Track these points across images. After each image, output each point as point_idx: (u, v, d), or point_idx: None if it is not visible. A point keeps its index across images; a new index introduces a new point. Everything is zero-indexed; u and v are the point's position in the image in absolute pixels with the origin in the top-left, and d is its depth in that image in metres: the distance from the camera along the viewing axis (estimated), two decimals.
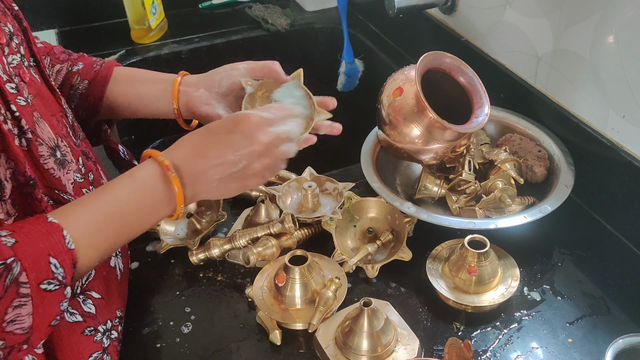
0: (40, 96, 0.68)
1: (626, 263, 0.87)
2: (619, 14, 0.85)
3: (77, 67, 0.87)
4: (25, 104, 0.63)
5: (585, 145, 0.95)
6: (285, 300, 0.77)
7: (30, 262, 0.52)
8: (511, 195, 0.89)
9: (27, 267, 0.52)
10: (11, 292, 0.51)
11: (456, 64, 0.93)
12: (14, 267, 0.51)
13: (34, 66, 0.70)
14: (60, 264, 0.55)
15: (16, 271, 0.51)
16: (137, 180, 0.65)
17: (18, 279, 0.51)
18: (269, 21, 1.54)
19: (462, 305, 0.79)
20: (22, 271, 0.52)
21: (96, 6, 1.54)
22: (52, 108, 0.70)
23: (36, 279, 0.53)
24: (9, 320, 0.51)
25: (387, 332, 0.72)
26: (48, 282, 0.54)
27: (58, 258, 0.55)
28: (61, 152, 0.66)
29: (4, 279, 0.50)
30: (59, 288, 0.55)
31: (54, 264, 0.54)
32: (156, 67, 1.44)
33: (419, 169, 1.00)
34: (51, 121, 0.67)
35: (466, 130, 0.88)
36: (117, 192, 0.63)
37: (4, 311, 0.50)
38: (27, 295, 0.52)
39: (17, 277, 0.51)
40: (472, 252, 0.78)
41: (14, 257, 0.51)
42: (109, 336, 0.69)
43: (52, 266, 0.54)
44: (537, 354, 0.74)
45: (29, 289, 0.52)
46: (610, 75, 0.89)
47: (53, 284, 0.54)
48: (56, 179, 0.64)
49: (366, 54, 1.50)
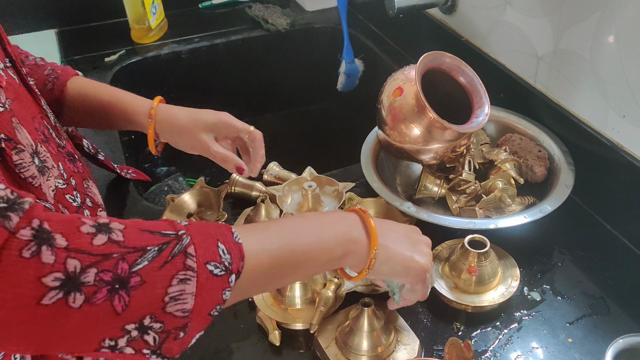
0: (19, 99, 0.65)
1: (626, 263, 0.87)
2: (619, 14, 0.85)
3: None
4: (3, 110, 0.59)
5: (586, 145, 0.95)
6: (285, 300, 0.77)
7: (200, 240, 0.51)
8: (511, 195, 0.89)
9: (196, 243, 0.51)
10: (178, 261, 0.49)
11: (456, 64, 0.93)
12: (184, 239, 0.50)
13: (10, 67, 0.67)
14: (228, 250, 0.53)
15: (185, 242, 0.50)
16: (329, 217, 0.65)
17: (186, 250, 0.50)
18: (269, 21, 1.54)
19: (462, 305, 0.79)
20: (191, 244, 0.51)
21: (96, 6, 1.54)
22: (32, 110, 0.67)
23: (203, 256, 0.51)
24: (172, 297, 0.49)
25: (387, 332, 0.72)
26: (215, 264, 0.52)
27: (226, 245, 0.53)
28: (40, 158, 0.63)
29: (172, 245, 0.49)
30: (224, 274, 0.52)
31: (222, 249, 0.53)
32: (156, 67, 1.45)
33: (419, 169, 1.00)
34: (31, 124, 0.64)
35: (466, 130, 0.88)
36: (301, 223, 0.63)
37: (169, 280, 0.48)
38: (192, 269, 0.50)
39: (186, 248, 0.50)
40: (472, 252, 0.78)
41: (186, 231, 0.51)
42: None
43: (220, 250, 0.53)
44: (537, 353, 0.74)
45: (196, 264, 0.50)
46: (611, 75, 0.89)
47: (219, 268, 0.52)
48: (35, 188, 0.61)
49: (366, 53, 1.50)
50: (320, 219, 0.64)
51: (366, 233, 0.63)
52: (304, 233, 0.61)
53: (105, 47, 1.43)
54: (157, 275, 0.48)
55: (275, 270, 0.58)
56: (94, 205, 0.74)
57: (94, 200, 0.75)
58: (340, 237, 0.62)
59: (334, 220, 0.64)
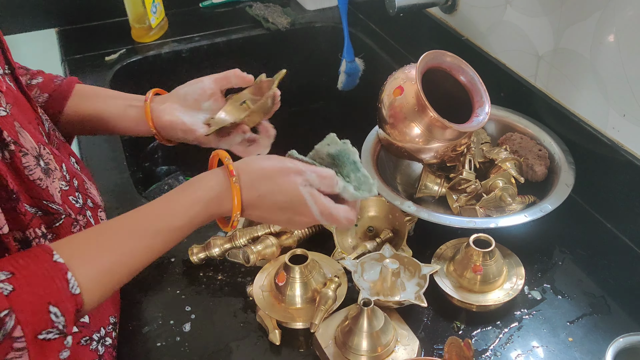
0: (17, 105, 0.65)
1: (627, 262, 0.87)
2: (619, 13, 0.85)
3: (36, 80, 0.86)
4: (5, 114, 0.60)
5: (586, 144, 0.95)
6: (285, 299, 0.77)
7: (27, 314, 0.49)
8: (512, 194, 0.89)
9: (22, 321, 0.49)
10: (5, 346, 0.48)
11: (457, 63, 0.93)
12: (7, 322, 0.48)
13: (9, 74, 0.68)
14: (62, 312, 0.52)
15: (9, 326, 0.48)
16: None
17: (11, 334, 0.48)
18: (270, 20, 1.54)
19: (467, 304, 0.79)
20: (17, 325, 0.49)
21: (96, 5, 1.54)
22: (29, 116, 0.68)
23: (33, 330, 0.50)
24: None
25: (387, 332, 0.72)
26: (47, 331, 0.51)
27: (59, 306, 0.52)
28: (44, 160, 0.64)
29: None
30: (59, 337, 0.52)
31: (54, 312, 0.51)
32: (157, 66, 1.45)
33: (420, 168, 1.00)
34: (30, 129, 0.65)
35: (467, 129, 0.88)
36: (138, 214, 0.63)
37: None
38: (22, 349, 0.49)
39: (11, 332, 0.48)
40: (477, 251, 0.78)
41: (9, 310, 0.48)
42: (103, 343, 0.69)
43: (52, 315, 0.51)
44: (537, 353, 0.74)
45: (25, 343, 0.49)
46: (611, 74, 0.88)
47: (52, 332, 0.51)
48: (43, 189, 0.61)
49: (367, 52, 1.50)
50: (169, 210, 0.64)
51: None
52: (139, 239, 0.61)
53: (106, 47, 1.43)
54: None
55: (117, 287, 0.60)
56: (94, 205, 0.74)
57: (95, 201, 0.75)
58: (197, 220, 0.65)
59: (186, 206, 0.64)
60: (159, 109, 0.84)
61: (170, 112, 0.84)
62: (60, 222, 0.64)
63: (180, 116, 0.84)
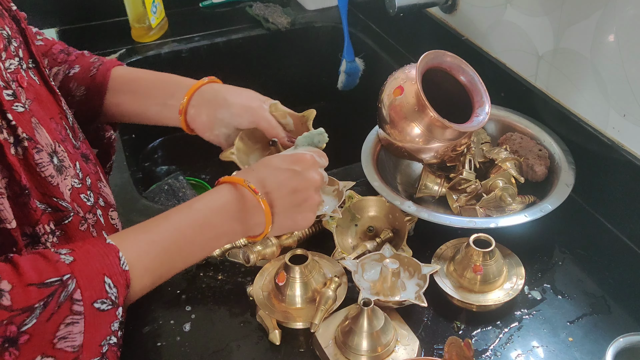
0: (38, 99, 0.66)
1: (627, 262, 0.87)
2: (619, 13, 0.85)
3: (73, 70, 0.86)
4: (23, 110, 0.61)
5: (586, 144, 0.95)
6: (285, 299, 0.77)
7: (85, 281, 0.53)
8: (512, 194, 0.89)
9: (82, 285, 0.53)
10: (64, 308, 0.51)
11: (457, 63, 0.93)
12: (69, 284, 0.52)
13: (33, 68, 0.69)
14: (114, 284, 0.56)
15: (71, 288, 0.52)
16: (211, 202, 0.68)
17: (72, 296, 0.52)
18: (270, 20, 1.54)
19: (467, 304, 0.79)
20: (77, 288, 0.52)
21: (96, 5, 1.54)
22: (51, 110, 0.69)
23: (90, 297, 0.53)
24: (60, 337, 0.51)
25: (387, 332, 0.72)
26: (101, 301, 0.54)
27: (112, 278, 0.56)
28: (58, 157, 0.65)
29: (58, 295, 0.51)
30: (112, 308, 0.56)
31: (109, 283, 0.55)
32: (156, 66, 1.44)
33: (420, 168, 1.00)
34: (49, 125, 0.66)
35: (467, 129, 0.88)
36: (180, 217, 0.66)
37: (56, 327, 0.51)
38: (80, 313, 0.52)
39: (72, 294, 0.52)
40: (477, 251, 0.78)
41: (70, 274, 0.52)
42: (107, 341, 0.69)
43: (106, 285, 0.55)
44: (537, 352, 0.74)
45: (83, 307, 0.53)
46: (611, 74, 0.88)
47: (106, 303, 0.55)
48: (54, 187, 0.63)
49: (367, 52, 1.50)
50: (207, 225, 0.67)
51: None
52: (189, 245, 0.66)
53: (106, 46, 1.43)
54: (45, 327, 0.50)
55: (162, 279, 0.64)
56: (106, 204, 0.75)
57: (107, 200, 0.76)
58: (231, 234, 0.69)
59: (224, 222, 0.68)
60: (194, 122, 0.85)
61: (202, 130, 0.85)
62: (69, 219, 0.65)
63: (208, 136, 0.86)
